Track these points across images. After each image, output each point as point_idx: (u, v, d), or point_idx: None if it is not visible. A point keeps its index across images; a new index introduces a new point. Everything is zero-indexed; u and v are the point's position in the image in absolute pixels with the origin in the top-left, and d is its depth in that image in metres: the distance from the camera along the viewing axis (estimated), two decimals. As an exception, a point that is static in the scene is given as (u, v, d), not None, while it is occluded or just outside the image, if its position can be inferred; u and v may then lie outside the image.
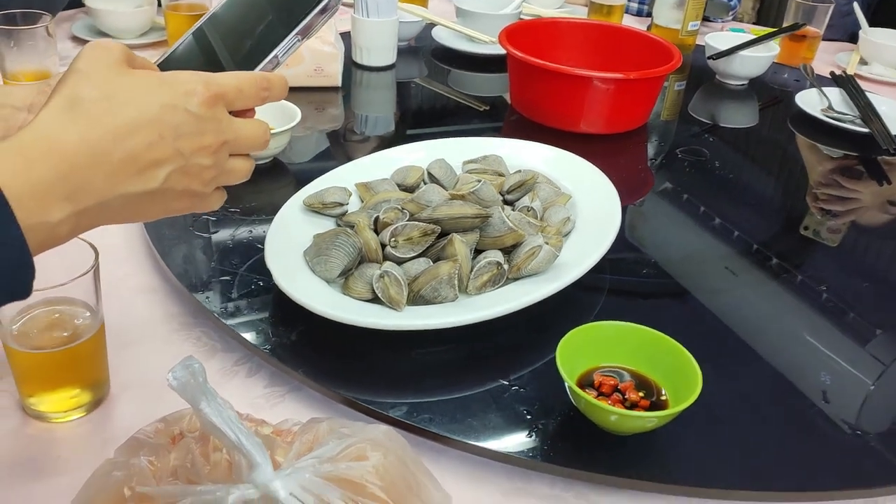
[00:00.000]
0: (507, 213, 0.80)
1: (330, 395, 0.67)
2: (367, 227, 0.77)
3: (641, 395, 0.65)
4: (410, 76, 1.42)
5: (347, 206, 0.84)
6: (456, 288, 0.72)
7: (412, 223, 0.76)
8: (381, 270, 0.71)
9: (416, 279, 0.73)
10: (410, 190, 0.88)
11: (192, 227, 0.87)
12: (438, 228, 0.76)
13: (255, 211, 0.91)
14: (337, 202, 0.83)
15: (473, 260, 0.77)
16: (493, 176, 0.90)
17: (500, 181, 0.88)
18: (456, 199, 0.80)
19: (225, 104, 0.54)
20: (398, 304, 0.70)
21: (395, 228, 0.76)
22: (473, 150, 0.96)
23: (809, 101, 1.31)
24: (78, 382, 0.64)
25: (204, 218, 0.88)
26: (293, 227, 0.80)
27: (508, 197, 0.88)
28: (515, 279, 0.76)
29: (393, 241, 0.76)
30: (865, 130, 1.21)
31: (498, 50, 1.33)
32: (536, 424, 0.65)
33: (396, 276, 0.71)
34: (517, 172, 0.89)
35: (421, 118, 1.31)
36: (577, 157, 0.96)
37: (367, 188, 0.87)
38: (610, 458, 0.62)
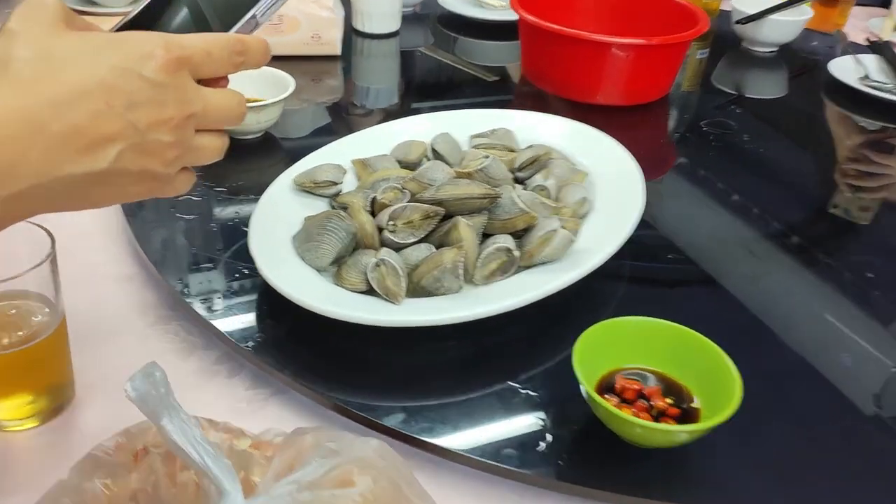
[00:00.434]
0: (518, 192, 0.73)
1: (319, 399, 0.60)
2: (362, 209, 0.69)
3: (670, 402, 0.57)
4: (415, 44, 1.33)
5: (342, 185, 0.77)
6: (461, 278, 0.65)
7: (413, 205, 0.69)
8: (377, 259, 0.64)
9: (416, 268, 0.66)
10: (412, 167, 0.80)
11: (173, 208, 0.79)
12: (442, 210, 0.68)
13: (242, 190, 0.83)
14: (330, 181, 0.75)
15: (481, 246, 0.69)
16: (502, 151, 0.82)
17: (510, 157, 0.80)
18: (462, 177, 0.72)
19: (190, 70, 0.46)
20: (396, 296, 0.63)
21: (393, 211, 0.68)
22: (481, 123, 0.88)
23: (844, 69, 1.22)
24: (34, 387, 0.57)
25: (186, 198, 0.80)
26: (281, 208, 0.73)
27: (519, 174, 0.80)
28: (527, 267, 0.68)
29: (391, 224, 0.68)
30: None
31: (509, 15, 1.24)
32: (550, 435, 0.57)
33: (394, 264, 0.63)
34: (529, 148, 0.81)
35: (426, 90, 1.22)
36: (594, 130, 0.88)
37: (364, 165, 0.80)
38: (634, 475, 0.55)
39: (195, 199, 0.81)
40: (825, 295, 0.77)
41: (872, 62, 1.24)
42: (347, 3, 1.31)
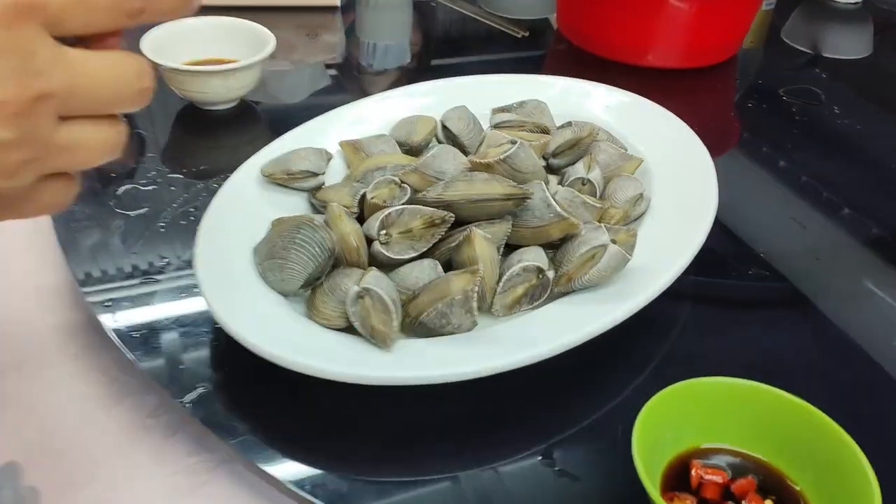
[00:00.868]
0: (552, 189, 0.55)
1: (275, 483, 0.44)
2: (343, 214, 0.52)
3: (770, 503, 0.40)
4: (431, -7, 1.14)
5: (324, 175, 0.59)
6: (475, 311, 0.47)
7: (412, 208, 0.51)
8: (359, 287, 0.47)
9: (414, 298, 0.49)
10: (416, 152, 0.62)
11: (114, 199, 0.63)
12: (451, 217, 0.51)
13: (205, 176, 0.66)
14: (308, 171, 0.58)
15: (503, 263, 0.52)
16: (533, 133, 0.64)
17: (543, 140, 0.62)
18: (478, 169, 0.55)
19: (45, 23, 0.29)
20: (384, 339, 0.46)
21: (386, 216, 0.51)
22: (507, 93, 0.70)
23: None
24: None
25: (132, 187, 0.64)
26: (243, 208, 0.56)
27: (554, 162, 0.63)
28: (564, 294, 0.51)
29: (384, 234, 0.51)
30: None
31: (542, -42, 1.04)
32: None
33: (382, 296, 0.46)
34: (567, 126, 0.63)
35: (444, 48, 1.04)
36: (651, 103, 0.69)
37: (355, 149, 0.62)
38: None
39: (143, 188, 0.64)
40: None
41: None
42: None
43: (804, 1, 1.15)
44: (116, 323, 0.52)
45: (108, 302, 0.53)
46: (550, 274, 0.51)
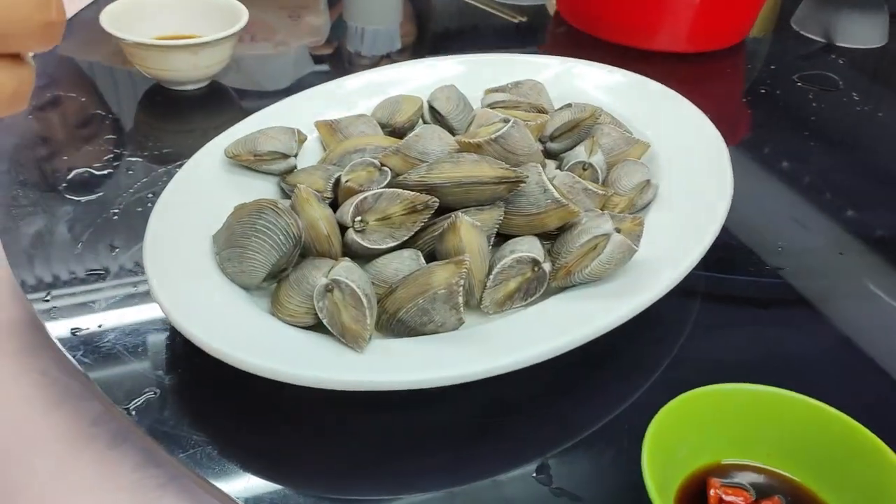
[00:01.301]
0: (550, 174, 0.49)
1: (229, 505, 0.38)
2: (312, 197, 0.46)
3: (801, 535, 0.35)
4: (423, -23, 1.08)
5: (296, 157, 0.54)
6: (460, 307, 0.42)
7: (392, 191, 0.46)
8: (328, 279, 0.41)
9: (392, 292, 0.43)
10: (400, 134, 0.56)
11: (64, 185, 0.57)
12: (436, 201, 0.45)
13: (168, 160, 0.60)
14: (277, 152, 0.52)
15: (494, 254, 0.46)
16: (528, 113, 0.58)
17: (540, 121, 0.56)
18: (467, 150, 0.49)
19: None
20: (356, 338, 0.40)
21: (362, 200, 0.45)
22: (501, 73, 0.64)
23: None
24: None
25: (84, 170, 0.58)
26: (204, 192, 0.50)
27: (552, 146, 0.57)
28: (562, 289, 0.45)
29: (359, 221, 0.45)
30: None
31: (540, -62, 0.99)
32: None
33: (354, 290, 0.40)
34: (566, 107, 0.57)
35: (436, 33, 0.98)
36: (656, 83, 0.64)
37: (332, 130, 0.56)
38: None
39: (97, 172, 0.58)
40: None
41: None
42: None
43: (815, -13, 1.10)
44: (56, 320, 0.46)
45: (47, 296, 0.48)
46: (547, 266, 0.45)
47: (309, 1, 0.93)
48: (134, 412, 0.41)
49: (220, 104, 0.70)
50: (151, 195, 0.56)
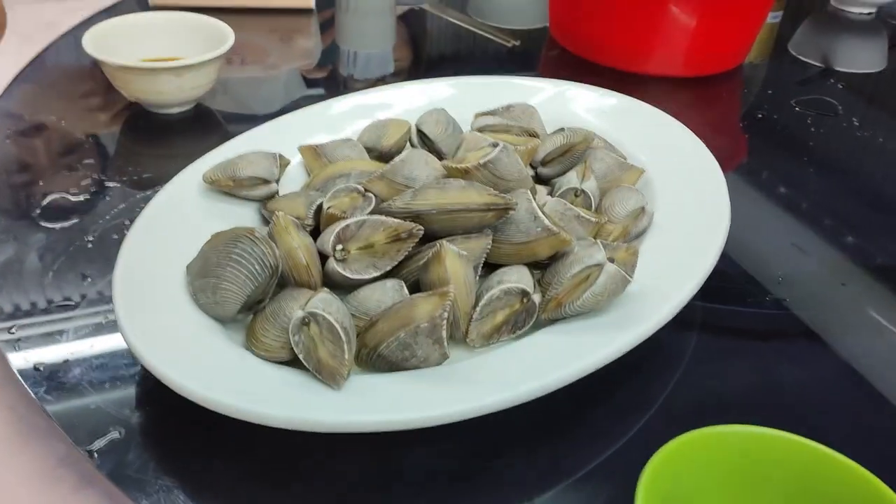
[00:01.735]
0: (541, 200, 0.47)
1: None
2: (291, 224, 0.44)
3: None
4: (416, 0, 1.07)
5: (277, 183, 0.52)
6: (444, 342, 0.39)
7: (375, 219, 0.44)
8: (304, 311, 0.39)
9: (372, 325, 0.41)
10: (387, 158, 0.55)
11: (38, 211, 0.55)
12: (420, 229, 0.43)
13: (149, 185, 0.59)
14: (258, 177, 0.50)
15: (480, 286, 0.44)
16: (519, 136, 0.56)
17: (531, 145, 0.54)
18: (455, 175, 0.47)
19: None
20: (333, 375, 0.38)
21: (343, 229, 0.43)
22: (492, 96, 0.63)
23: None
24: None
25: (59, 196, 0.56)
26: (180, 220, 0.48)
27: (544, 171, 0.55)
28: (553, 321, 0.43)
29: (340, 249, 0.43)
30: None
31: (534, -38, 0.98)
32: None
33: (331, 323, 0.38)
34: (559, 132, 0.56)
35: (429, 58, 0.97)
36: (651, 107, 0.62)
37: (316, 154, 0.54)
38: None
39: (72, 197, 0.56)
40: None
41: None
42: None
43: (813, 12, 1.09)
44: (20, 352, 0.44)
45: (13, 328, 0.45)
46: (537, 298, 0.43)
47: (300, 24, 0.92)
48: (96, 454, 0.39)
49: (205, 128, 0.69)
50: (128, 222, 0.54)
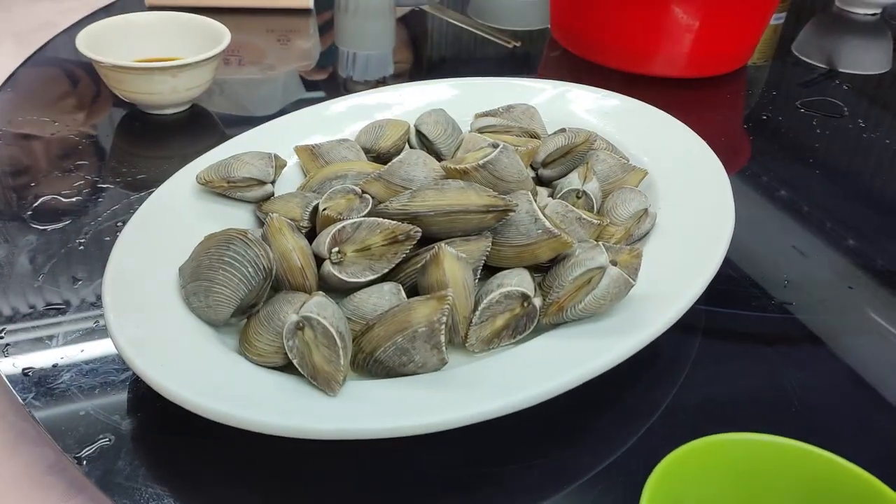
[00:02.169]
0: (541, 202, 0.46)
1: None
2: (285, 226, 0.43)
3: None
4: (416, 1, 1.06)
5: (273, 184, 0.51)
6: (442, 347, 0.38)
7: (372, 220, 0.43)
8: (298, 315, 0.38)
9: (369, 329, 0.40)
10: (385, 159, 0.54)
11: (29, 213, 0.54)
12: (418, 231, 0.42)
13: (142, 187, 0.58)
14: (252, 178, 0.49)
15: (480, 289, 0.43)
16: (520, 137, 0.55)
17: (531, 146, 0.53)
18: (453, 176, 0.46)
19: None
20: (329, 381, 0.37)
21: (339, 231, 0.42)
22: (493, 97, 0.62)
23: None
24: None
25: (51, 198, 0.55)
26: (174, 221, 0.47)
27: (545, 173, 0.54)
28: (554, 325, 0.42)
29: (336, 252, 0.42)
30: None
31: (535, -38, 0.98)
32: None
33: (326, 327, 0.37)
34: (560, 132, 0.55)
35: (431, 60, 0.96)
36: (653, 108, 0.61)
37: (313, 155, 0.54)
38: None
39: (64, 199, 0.55)
40: None
41: None
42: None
43: (818, 13, 1.08)
44: (8, 357, 0.43)
45: (1, 332, 0.44)
46: (537, 302, 0.42)
47: (299, 24, 0.91)
48: (85, 461, 0.38)
49: (201, 129, 0.68)
50: (121, 224, 0.53)
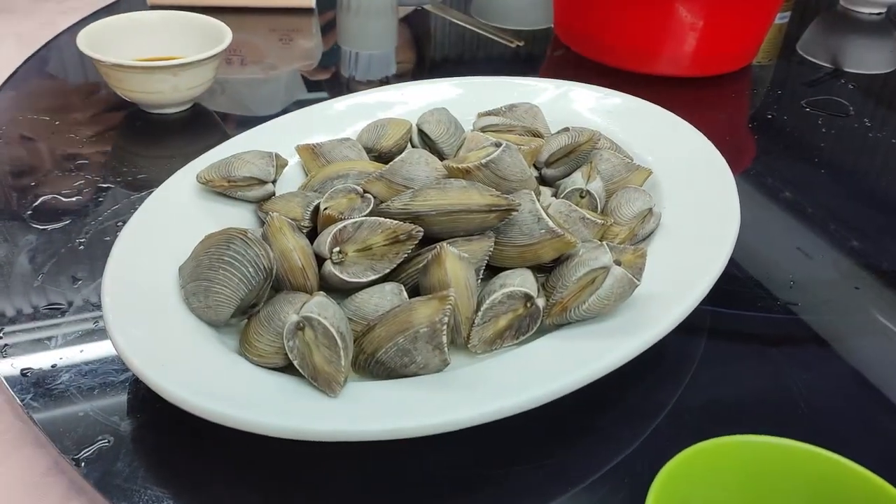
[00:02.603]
0: (545, 201, 0.46)
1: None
2: (286, 225, 0.42)
3: None
4: (419, 1, 1.06)
5: (273, 183, 0.50)
6: (444, 347, 0.38)
7: (373, 220, 0.42)
8: (299, 315, 0.37)
9: (370, 330, 0.39)
10: (387, 159, 0.53)
11: (29, 212, 0.54)
12: (420, 231, 0.42)
13: (143, 186, 0.57)
14: (253, 178, 0.49)
15: (482, 289, 0.42)
16: (523, 137, 0.55)
17: (534, 145, 0.53)
18: (456, 175, 0.46)
19: None
20: (329, 381, 0.36)
21: (340, 230, 0.42)
22: (496, 96, 0.61)
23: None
24: None
25: (51, 197, 0.55)
26: (174, 221, 0.47)
27: (548, 172, 0.54)
28: (557, 326, 0.42)
29: (337, 252, 0.42)
30: None
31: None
32: None
33: (327, 328, 0.37)
34: (563, 132, 0.54)
35: (432, 59, 0.95)
36: (658, 107, 0.61)
37: (314, 154, 0.53)
38: None
39: (65, 199, 0.55)
40: None
41: None
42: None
43: (822, 12, 1.07)
44: (7, 358, 0.43)
45: (0, 332, 0.44)
46: (540, 302, 0.42)
47: (301, 24, 0.91)
48: (84, 463, 0.37)
49: (202, 128, 0.67)
50: (121, 223, 0.53)
